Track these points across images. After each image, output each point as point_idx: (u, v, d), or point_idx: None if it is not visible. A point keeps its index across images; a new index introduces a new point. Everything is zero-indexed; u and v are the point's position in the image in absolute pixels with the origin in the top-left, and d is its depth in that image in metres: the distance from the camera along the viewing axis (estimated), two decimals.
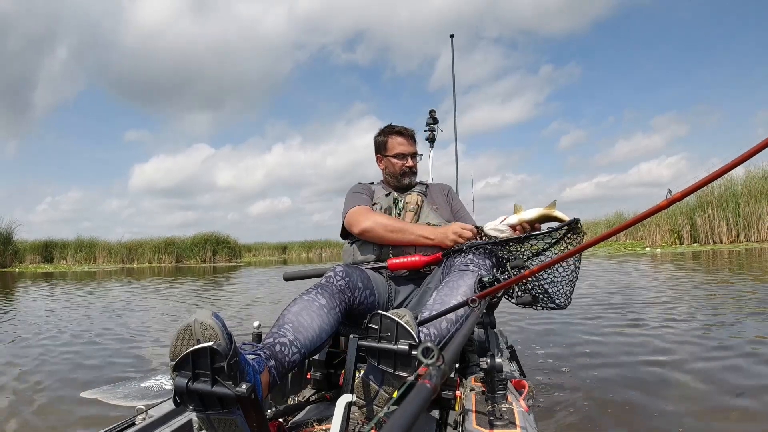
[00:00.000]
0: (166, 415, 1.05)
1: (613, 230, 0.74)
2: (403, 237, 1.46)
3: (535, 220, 1.36)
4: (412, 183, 1.71)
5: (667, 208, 0.61)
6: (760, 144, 0.55)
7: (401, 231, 1.46)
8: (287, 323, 1.03)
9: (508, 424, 0.91)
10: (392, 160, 1.68)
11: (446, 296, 1.18)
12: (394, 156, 1.67)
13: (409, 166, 1.68)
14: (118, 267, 17.35)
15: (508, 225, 1.37)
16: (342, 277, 1.22)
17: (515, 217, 1.37)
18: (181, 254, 19.62)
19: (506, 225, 1.37)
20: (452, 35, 3.59)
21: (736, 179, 12.21)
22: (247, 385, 0.74)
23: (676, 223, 12.77)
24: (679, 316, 3.27)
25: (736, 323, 2.91)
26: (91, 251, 18.99)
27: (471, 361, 1.36)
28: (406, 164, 1.67)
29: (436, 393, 0.48)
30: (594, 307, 3.82)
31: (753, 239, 11.45)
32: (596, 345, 2.63)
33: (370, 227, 1.47)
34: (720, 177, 0.57)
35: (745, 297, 3.88)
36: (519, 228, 1.36)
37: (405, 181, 1.69)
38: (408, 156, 1.67)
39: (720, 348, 2.38)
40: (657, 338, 2.67)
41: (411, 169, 1.68)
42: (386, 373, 0.96)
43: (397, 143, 1.68)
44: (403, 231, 1.46)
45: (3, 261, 16.34)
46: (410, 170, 1.68)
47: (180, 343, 0.77)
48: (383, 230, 1.46)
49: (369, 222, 1.48)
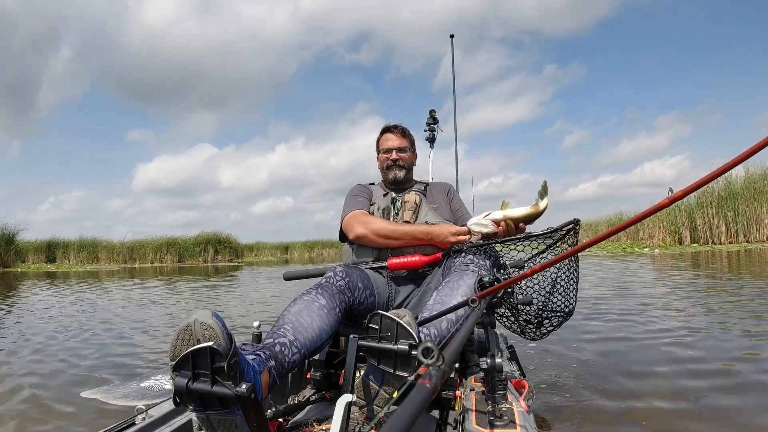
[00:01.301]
0: (166, 415, 1.05)
1: (614, 230, 0.74)
2: (396, 242, 1.48)
3: (520, 219, 1.34)
4: (399, 178, 1.68)
5: (668, 206, 0.61)
6: (760, 143, 0.55)
7: (393, 235, 1.47)
8: (287, 323, 1.03)
9: (508, 424, 0.91)
10: (382, 155, 1.71)
11: (446, 296, 1.18)
12: (382, 151, 1.71)
13: (393, 159, 1.67)
14: (120, 267, 17.38)
15: (491, 220, 1.35)
16: (342, 277, 1.22)
17: (500, 212, 1.36)
18: (183, 254, 19.68)
19: (489, 220, 1.36)
20: (452, 35, 3.60)
21: (736, 179, 12.21)
22: (247, 385, 0.74)
23: (676, 223, 12.77)
24: (678, 314, 3.27)
25: (741, 325, 2.91)
26: (94, 251, 19.07)
27: (471, 361, 1.36)
28: (390, 157, 1.68)
29: (436, 393, 0.48)
30: (594, 306, 3.82)
31: (752, 239, 11.45)
32: (596, 345, 2.63)
33: (363, 234, 1.50)
34: (721, 176, 0.57)
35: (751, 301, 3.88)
36: (503, 224, 1.35)
37: (390, 175, 1.68)
38: (393, 150, 1.68)
39: (723, 356, 2.38)
40: (657, 338, 2.67)
41: (395, 162, 1.68)
42: (386, 373, 0.96)
43: (384, 139, 1.72)
44: (395, 234, 1.47)
45: (5, 261, 16.40)
46: (394, 163, 1.68)
47: (180, 343, 0.77)
48: (375, 236, 1.49)
49: (362, 229, 1.50)
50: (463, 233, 1.42)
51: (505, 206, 1.36)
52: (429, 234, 1.46)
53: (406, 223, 1.53)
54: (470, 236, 1.41)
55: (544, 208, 1.34)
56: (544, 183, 1.35)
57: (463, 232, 1.43)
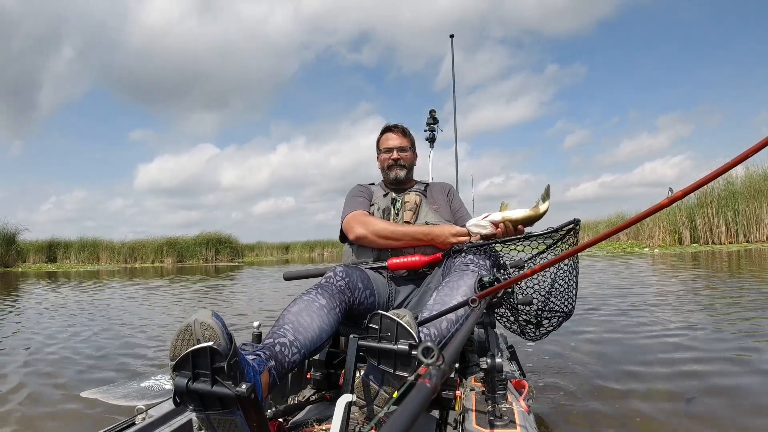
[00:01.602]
0: (166, 415, 1.05)
1: (613, 230, 0.74)
2: (395, 243, 1.48)
3: (519, 221, 1.34)
4: (400, 177, 1.68)
5: (668, 206, 0.61)
6: (759, 143, 0.55)
7: (393, 236, 1.47)
8: (287, 323, 1.03)
9: (508, 424, 0.91)
10: (383, 155, 1.71)
11: (446, 296, 1.18)
12: (383, 151, 1.71)
13: (394, 158, 1.68)
14: (120, 267, 17.40)
15: (490, 221, 1.36)
16: (342, 277, 1.22)
17: (499, 214, 1.36)
18: (184, 254, 19.70)
19: (488, 221, 1.36)
20: (452, 35, 3.60)
21: (736, 179, 12.19)
22: (247, 385, 0.74)
23: (676, 223, 12.76)
24: (677, 314, 3.27)
25: (740, 325, 2.91)
26: (95, 251, 19.11)
27: (471, 361, 1.36)
28: (391, 156, 1.68)
29: (436, 393, 0.48)
30: (593, 306, 3.82)
31: (752, 239, 11.45)
32: (595, 345, 2.63)
33: (363, 234, 1.50)
34: (720, 176, 0.57)
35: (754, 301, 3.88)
36: (501, 226, 1.35)
37: (391, 174, 1.69)
38: (394, 149, 1.68)
39: (724, 358, 2.38)
40: (656, 338, 2.67)
41: (396, 161, 1.68)
42: (386, 373, 0.96)
43: (386, 139, 1.72)
44: (395, 235, 1.47)
45: (6, 261, 16.45)
46: (395, 163, 1.68)
47: (180, 343, 0.77)
48: (375, 237, 1.49)
49: (362, 230, 1.51)
50: (463, 234, 1.42)
51: (504, 208, 1.36)
52: (429, 234, 1.46)
53: (406, 224, 1.53)
54: (470, 237, 1.41)
55: (544, 211, 1.33)
56: (547, 186, 1.35)
57: (463, 233, 1.43)
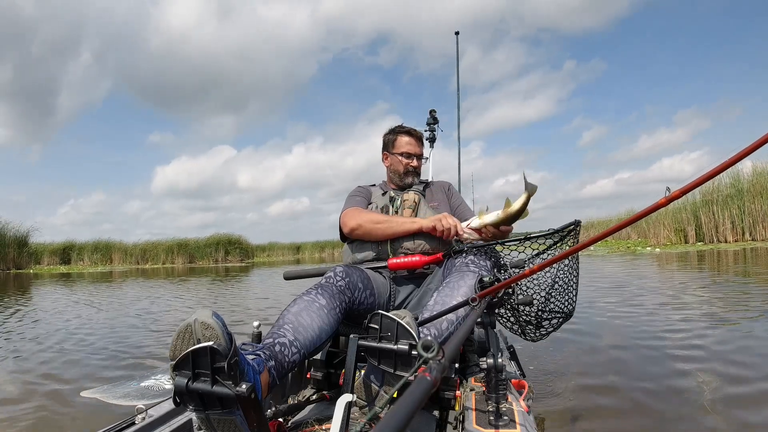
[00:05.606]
0: (166, 414, 1.05)
1: (613, 229, 0.74)
2: (388, 227, 1.48)
3: (497, 223, 1.36)
4: (415, 183, 1.73)
5: (665, 206, 0.61)
6: (760, 139, 0.53)
7: (387, 221, 1.48)
8: (287, 323, 1.03)
9: (508, 424, 0.91)
10: (398, 157, 1.70)
11: (447, 296, 1.18)
12: (400, 154, 1.70)
13: (414, 166, 1.71)
14: (131, 267, 17.56)
15: (471, 229, 1.41)
16: (342, 277, 1.22)
17: (477, 220, 1.40)
18: (194, 255, 19.90)
19: (470, 229, 1.41)
20: (457, 32, 3.57)
21: (743, 175, 12.00)
22: (247, 385, 0.74)
23: (681, 221, 12.62)
24: (678, 314, 3.25)
25: (741, 325, 2.89)
26: (107, 252, 19.34)
27: (471, 361, 1.36)
28: (411, 164, 1.70)
29: (436, 386, 0.47)
30: (593, 306, 3.80)
31: (758, 237, 11.31)
32: (596, 345, 2.62)
33: (357, 225, 1.51)
34: (717, 175, 0.57)
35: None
36: (484, 231, 1.39)
37: (408, 180, 1.71)
38: (414, 156, 1.70)
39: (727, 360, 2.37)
40: (656, 338, 2.66)
41: (415, 169, 1.71)
42: (387, 373, 0.96)
43: (405, 142, 1.71)
44: (389, 221, 1.48)
45: (18, 263, 16.63)
46: (414, 170, 1.71)
47: (180, 343, 0.77)
48: (369, 224, 1.49)
49: (355, 220, 1.52)
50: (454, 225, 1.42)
51: (481, 215, 1.40)
52: (416, 222, 1.47)
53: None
54: (463, 234, 1.43)
55: (517, 209, 1.32)
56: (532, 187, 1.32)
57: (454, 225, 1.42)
